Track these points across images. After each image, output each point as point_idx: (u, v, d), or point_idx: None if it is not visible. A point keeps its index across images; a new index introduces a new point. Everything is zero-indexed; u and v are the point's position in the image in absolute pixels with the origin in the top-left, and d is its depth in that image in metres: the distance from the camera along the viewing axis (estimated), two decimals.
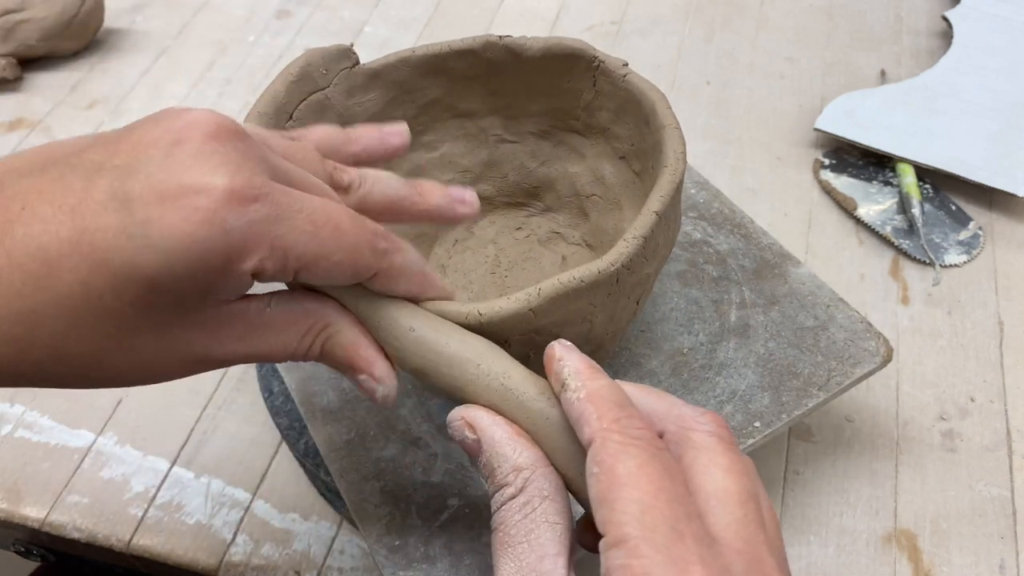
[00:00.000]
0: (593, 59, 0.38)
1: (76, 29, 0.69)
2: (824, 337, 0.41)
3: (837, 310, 0.42)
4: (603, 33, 0.72)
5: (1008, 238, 0.55)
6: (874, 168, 0.59)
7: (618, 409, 0.24)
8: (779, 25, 0.72)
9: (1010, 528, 0.42)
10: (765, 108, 0.65)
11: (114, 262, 0.22)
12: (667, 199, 0.31)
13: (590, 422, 0.24)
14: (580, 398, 0.25)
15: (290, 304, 0.27)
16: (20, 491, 0.45)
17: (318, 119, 0.38)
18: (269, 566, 0.42)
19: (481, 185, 0.44)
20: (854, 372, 0.39)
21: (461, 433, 0.27)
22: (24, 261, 0.22)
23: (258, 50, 0.72)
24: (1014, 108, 0.60)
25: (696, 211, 0.47)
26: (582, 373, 0.26)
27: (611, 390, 0.25)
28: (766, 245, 0.45)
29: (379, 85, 0.39)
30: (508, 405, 0.27)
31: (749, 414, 0.38)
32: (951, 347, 0.49)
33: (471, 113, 0.42)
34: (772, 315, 0.42)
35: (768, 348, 0.40)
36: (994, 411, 0.47)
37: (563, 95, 0.40)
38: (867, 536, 0.42)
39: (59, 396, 0.49)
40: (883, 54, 0.68)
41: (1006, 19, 0.67)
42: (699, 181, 0.49)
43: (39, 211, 0.23)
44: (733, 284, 0.43)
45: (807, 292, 0.43)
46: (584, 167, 0.42)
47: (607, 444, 0.23)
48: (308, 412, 0.40)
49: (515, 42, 0.38)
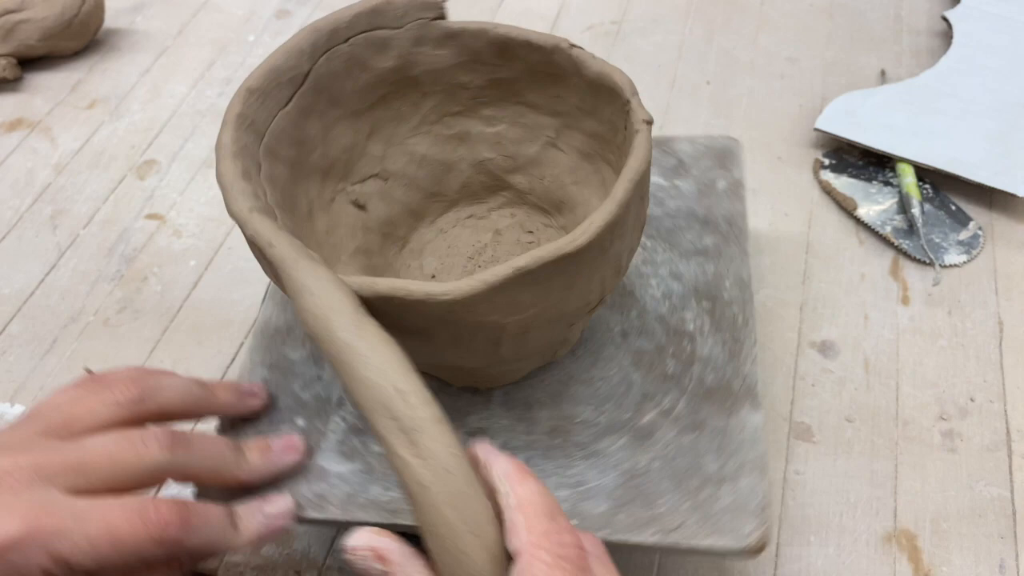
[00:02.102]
0: (627, 101, 0.35)
1: (76, 29, 0.69)
2: (711, 490, 0.35)
3: (750, 476, 0.36)
4: (603, 33, 0.72)
5: (1008, 238, 0.55)
6: (874, 168, 0.59)
7: (548, 520, 0.24)
8: (779, 25, 0.72)
9: (1010, 528, 0.42)
10: (765, 108, 0.65)
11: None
12: (628, 193, 0.31)
13: (519, 533, 0.24)
14: (510, 505, 0.25)
15: None
16: None
17: (373, 54, 0.39)
18: (269, 566, 0.42)
19: (517, 176, 0.44)
20: (707, 540, 0.34)
21: (367, 564, 0.26)
22: None
23: (258, 50, 0.72)
24: (1014, 108, 0.60)
25: (711, 301, 0.42)
26: (511, 476, 0.25)
27: (542, 497, 0.25)
28: (744, 373, 0.39)
29: (453, 46, 0.39)
30: (446, 545, 0.24)
31: (578, 511, 0.35)
32: (951, 347, 0.49)
33: (534, 106, 0.42)
34: (683, 439, 0.37)
35: (650, 466, 0.36)
36: (994, 411, 0.47)
37: (605, 124, 0.38)
38: (867, 536, 0.42)
39: None
40: (883, 54, 0.68)
41: (1006, 19, 0.67)
42: (742, 279, 0.43)
43: None
44: (677, 389, 0.39)
45: (737, 440, 0.37)
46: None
47: (534, 564, 0.23)
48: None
49: (579, 55, 0.37)
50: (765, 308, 0.51)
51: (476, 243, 0.44)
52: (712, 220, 0.46)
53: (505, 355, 0.34)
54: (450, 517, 0.24)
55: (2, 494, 0.28)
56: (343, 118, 0.40)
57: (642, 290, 0.43)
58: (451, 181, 0.44)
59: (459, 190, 0.45)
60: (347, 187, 0.41)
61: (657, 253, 0.45)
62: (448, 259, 0.44)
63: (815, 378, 0.48)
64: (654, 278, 0.44)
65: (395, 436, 0.25)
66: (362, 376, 0.26)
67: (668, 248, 0.45)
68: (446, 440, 0.25)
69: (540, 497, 0.25)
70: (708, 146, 0.49)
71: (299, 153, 0.38)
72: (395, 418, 0.25)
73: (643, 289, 0.43)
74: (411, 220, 0.44)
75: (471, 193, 0.45)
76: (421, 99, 0.42)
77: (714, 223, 0.45)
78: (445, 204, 0.45)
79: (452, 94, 0.42)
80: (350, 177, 0.42)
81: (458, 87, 0.41)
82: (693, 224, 0.46)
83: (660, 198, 0.47)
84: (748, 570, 0.41)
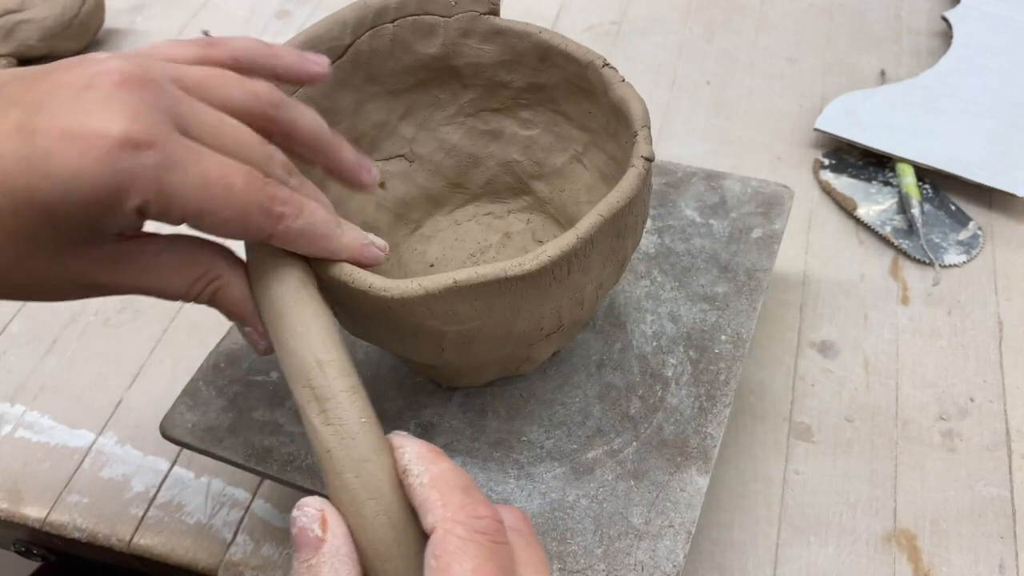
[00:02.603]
0: (635, 133, 0.34)
1: (76, 29, 0.69)
2: (628, 542, 0.34)
3: (673, 540, 0.34)
4: (603, 33, 0.72)
5: (1008, 238, 0.55)
6: (874, 168, 0.59)
7: (462, 494, 0.24)
8: (779, 25, 0.72)
9: (1010, 528, 0.42)
10: (765, 108, 0.65)
11: (15, 185, 0.24)
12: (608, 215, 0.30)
13: (433, 509, 0.24)
14: (423, 483, 0.25)
15: (184, 251, 0.29)
16: (20, 491, 0.45)
17: (419, 38, 0.39)
18: (269, 566, 0.42)
19: (540, 184, 0.43)
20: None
21: (310, 523, 0.25)
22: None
23: None
24: (1014, 108, 0.60)
25: (699, 351, 0.41)
26: (424, 457, 0.25)
27: (455, 474, 0.25)
28: (706, 433, 0.38)
29: (499, 43, 0.39)
30: (350, 510, 0.25)
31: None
32: (951, 347, 0.49)
33: (569, 118, 0.41)
34: (620, 484, 0.36)
35: (577, 502, 0.36)
36: (994, 411, 0.47)
37: (622, 150, 0.37)
38: (867, 536, 0.42)
39: (60, 396, 0.49)
40: (883, 54, 0.68)
41: (1006, 19, 0.67)
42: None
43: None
44: (632, 432, 0.38)
45: (673, 499, 0.36)
46: None
47: (447, 538, 0.23)
48: None
49: (608, 76, 0.36)
50: (765, 308, 0.51)
51: (483, 241, 0.44)
52: (732, 268, 0.44)
53: (451, 360, 0.33)
54: (351, 483, 0.25)
55: (119, 91, 0.25)
56: (379, 95, 0.40)
57: (634, 324, 0.42)
58: (476, 176, 0.44)
59: (483, 186, 0.45)
60: None
61: (664, 290, 0.43)
62: (451, 252, 0.44)
63: (815, 378, 0.48)
64: (651, 314, 0.42)
65: (310, 404, 0.26)
66: (289, 346, 0.27)
67: (677, 287, 0.43)
68: (356, 409, 0.26)
69: (454, 474, 0.25)
70: (758, 190, 0.47)
71: (325, 122, 0.38)
72: (311, 387, 0.26)
73: (635, 324, 0.42)
74: (428, 206, 0.44)
75: (494, 191, 0.45)
76: (461, 90, 0.42)
77: (733, 272, 0.44)
78: (466, 197, 0.45)
79: (492, 91, 0.42)
80: (375, 154, 0.42)
81: (499, 85, 0.41)
82: (712, 268, 0.44)
83: (688, 234, 0.45)
84: (748, 570, 0.41)
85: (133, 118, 0.24)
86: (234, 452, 0.38)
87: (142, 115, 0.25)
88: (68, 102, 0.25)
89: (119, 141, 0.24)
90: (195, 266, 0.29)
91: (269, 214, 0.27)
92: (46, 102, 0.25)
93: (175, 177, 0.25)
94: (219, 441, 0.38)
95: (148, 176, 0.25)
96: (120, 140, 0.24)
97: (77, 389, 0.50)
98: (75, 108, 0.24)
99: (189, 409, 0.39)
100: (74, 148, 0.24)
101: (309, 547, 0.24)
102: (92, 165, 0.24)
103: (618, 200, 0.31)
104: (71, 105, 0.25)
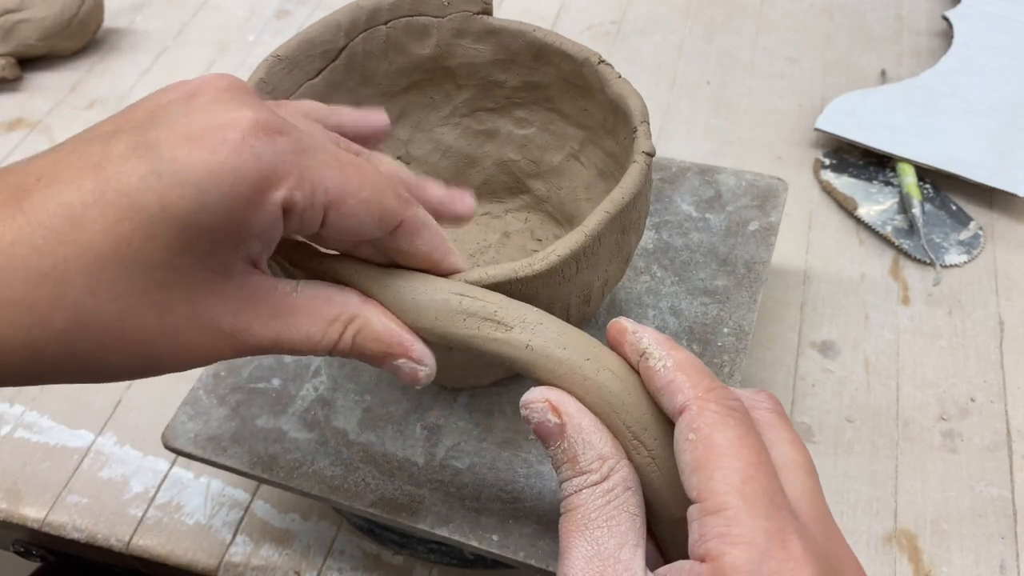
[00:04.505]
0: (634, 129, 0.34)
1: (76, 29, 0.69)
2: None
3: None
4: (603, 33, 0.72)
5: (1008, 238, 0.55)
6: (874, 168, 0.59)
7: (709, 379, 0.24)
8: (779, 25, 0.72)
9: (1010, 528, 0.42)
10: (765, 108, 0.65)
11: (144, 203, 0.22)
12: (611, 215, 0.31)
13: (683, 390, 0.24)
14: (668, 367, 0.25)
15: (316, 290, 0.27)
16: (20, 491, 0.45)
17: (412, 39, 0.39)
18: (269, 566, 0.42)
19: (537, 182, 0.43)
20: None
21: (543, 416, 0.26)
22: (45, 218, 0.22)
23: (258, 50, 0.72)
24: (1014, 108, 0.60)
25: (702, 344, 0.41)
26: (663, 343, 0.26)
27: (697, 360, 0.25)
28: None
29: (493, 42, 0.39)
30: (573, 378, 0.26)
31: (505, 526, 0.36)
32: (951, 347, 0.49)
33: (564, 116, 0.41)
34: None
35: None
36: (994, 411, 0.47)
37: (620, 147, 0.37)
38: (867, 536, 0.42)
39: (59, 396, 0.49)
40: (883, 54, 0.68)
41: (1006, 19, 0.67)
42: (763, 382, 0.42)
43: (58, 175, 0.22)
44: None
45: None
46: None
47: (704, 413, 0.23)
48: None
49: (604, 72, 0.36)
50: (765, 308, 0.51)
51: (482, 241, 0.44)
52: (731, 261, 0.44)
53: (458, 359, 0.33)
54: (561, 355, 0.26)
55: (229, 93, 0.24)
56: (373, 97, 0.40)
57: (636, 320, 0.41)
58: (473, 176, 0.44)
59: (480, 186, 0.45)
60: None
61: (664, 285, 0.43)
62: None
63: (815, 378, 0.48)
64: (652, 309, 0.42)
65: (481, 328, 0.27)
66: (419, 301, 0.27)
67: (677, 282, 0.43)
68: (522, 306, 0.27)
69: (697, 360, 0.25)
70: (752, 183, 0.47)
71: None
72: (470, 314, 0.27)
73: (637, 319, 0.42)
74: None
75: (491, 191, 0.45)
76: (455, 90, 0.42)
77: (732, 264, 0.44)
78: None
79: (487, 90, 0.42)
80: None
81: (493, 84, 0.41)
82: (711, 262, 0.44)
83: (685, 229, 0.46)
84: None
85: (255, 108, 0.23)
86: (239, 461, 0.37)
87: (260, 106, 0.24)
88: (181, 110, 0.23)
89: (251, 128, 0.23)
90: (330, 306, 0.27)
91: (399, 196, 0.26)
92: (156, 119, 0.23)
93: (311, 160, 0.24)
94: (223, 450, 0.38)
95: (287, 161, 0.23)
96: (252, 126, 0.23)
97: (76, 389, 0.50)
98: (191, 113, 0.23)
99: (191, 419, 0.39)
100: (203, 147, 0.22)
101: (553, 435, 0.25)
102: (228, 158, 0.22)
103: (623, 196, 0.31)
104: (185, 112, 0.23)
